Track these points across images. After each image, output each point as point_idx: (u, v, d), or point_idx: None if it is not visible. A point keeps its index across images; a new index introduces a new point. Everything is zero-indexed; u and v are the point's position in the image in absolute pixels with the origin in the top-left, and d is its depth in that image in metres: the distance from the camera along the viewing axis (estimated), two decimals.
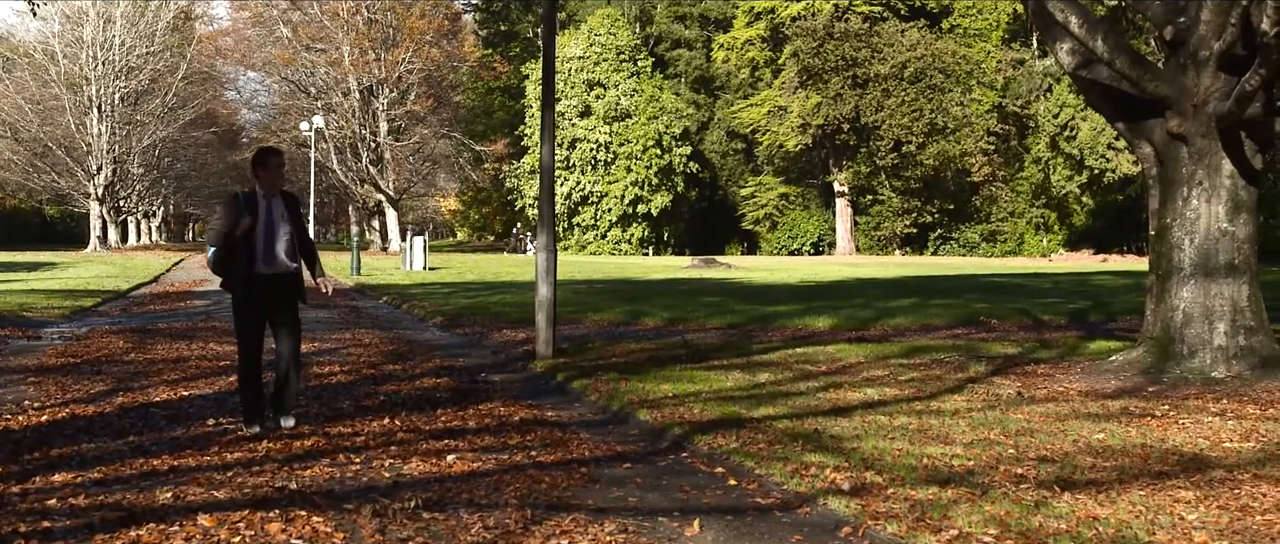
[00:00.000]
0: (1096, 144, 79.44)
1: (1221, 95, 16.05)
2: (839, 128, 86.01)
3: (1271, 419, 13.22)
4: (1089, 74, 17.75)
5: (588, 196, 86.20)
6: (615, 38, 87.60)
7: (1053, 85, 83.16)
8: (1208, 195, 16.41)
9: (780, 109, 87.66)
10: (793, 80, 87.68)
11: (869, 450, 11.16)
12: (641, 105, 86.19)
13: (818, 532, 8.47)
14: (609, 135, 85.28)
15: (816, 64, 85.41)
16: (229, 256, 12.15)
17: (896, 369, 17.67)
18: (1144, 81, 16.52)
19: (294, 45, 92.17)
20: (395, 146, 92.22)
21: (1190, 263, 16.49)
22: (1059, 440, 11.85)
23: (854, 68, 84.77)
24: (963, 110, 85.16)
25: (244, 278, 12.16)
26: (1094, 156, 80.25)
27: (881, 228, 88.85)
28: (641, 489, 9.86)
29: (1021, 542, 8.02)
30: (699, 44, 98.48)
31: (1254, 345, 16.31)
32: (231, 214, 12.12)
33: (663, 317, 26.80)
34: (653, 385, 15.55)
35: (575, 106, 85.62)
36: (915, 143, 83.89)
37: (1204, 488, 9.72)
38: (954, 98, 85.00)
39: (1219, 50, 16.18)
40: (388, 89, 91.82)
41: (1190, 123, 16.36)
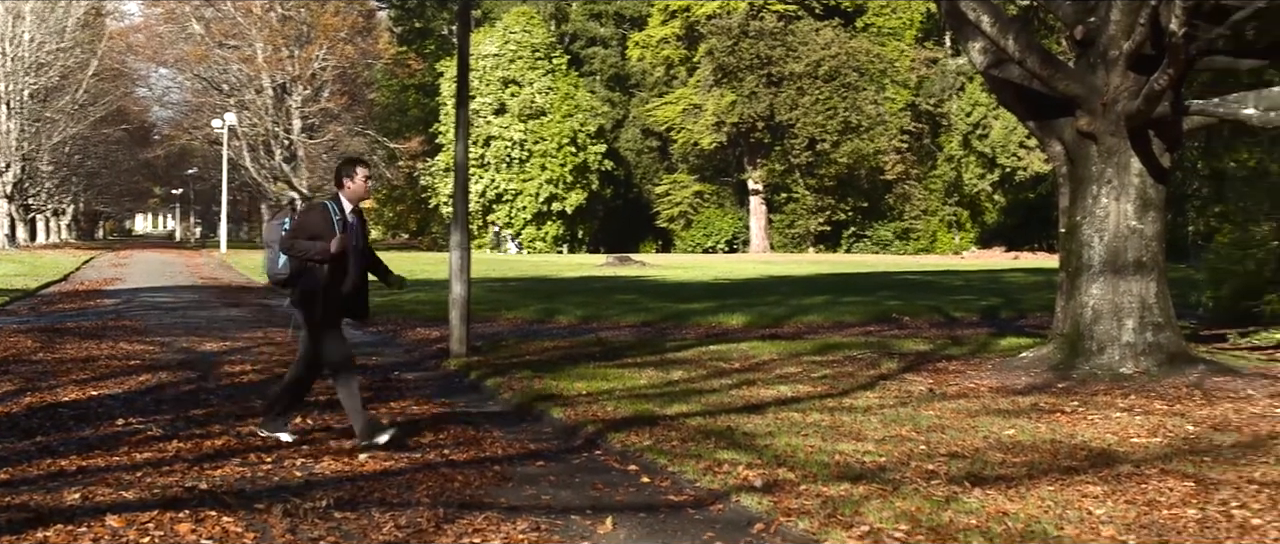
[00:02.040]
0: (1008, 142, 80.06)
1: (1131, 94, 16.21)
2: (753, 126, 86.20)
3: (1178, 415, 13.36)
4: (1001, 73, 17.89)
5: (502, 194, 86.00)
6: (530, 35, 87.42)
7: (965, 84, 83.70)
8: (1117, 193, 16.57)
9: (695, 107, 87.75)
10: (708, 78, 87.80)
11: (782, 447, 11.19)
12: (557, 103, 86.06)
13: (730, 529, 8.48)
14: (524, 133, 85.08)
15: (731, 62, 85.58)
16: (306, 272, 11.18)
17: (809, 366, 17.73)
18: (1055, 80, 16.66)
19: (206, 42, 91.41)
20: (309, 144, 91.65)
21: (1100, 260, 16.64)
22: (970, 436, 11.94)
23: (769, 66, 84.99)
24: (876, 109, 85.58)
25: (325, 300, 11.18)
26: (1006, 155, 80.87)
27: (795, 225, 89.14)
28: (555, 487, 9.84)
29: (932, 538, 8.06)
30: (614, 42, 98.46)
31: (1161, 342, 16.49)
32: (322, 226, 11.11)
33: (577, 314, 26.79)
34: (566, 383, 15.53)
35: (490, 104, 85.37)
36: (829, 141, 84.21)
37: (1112, 483, 9.81)
38: (868, 96, 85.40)
39: (1128, 50, 16.34)
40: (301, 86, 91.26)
41: (1100, 121, 16.51)
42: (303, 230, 11.11)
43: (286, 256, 11.23)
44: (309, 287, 11.17)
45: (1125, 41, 16.38)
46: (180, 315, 27.29)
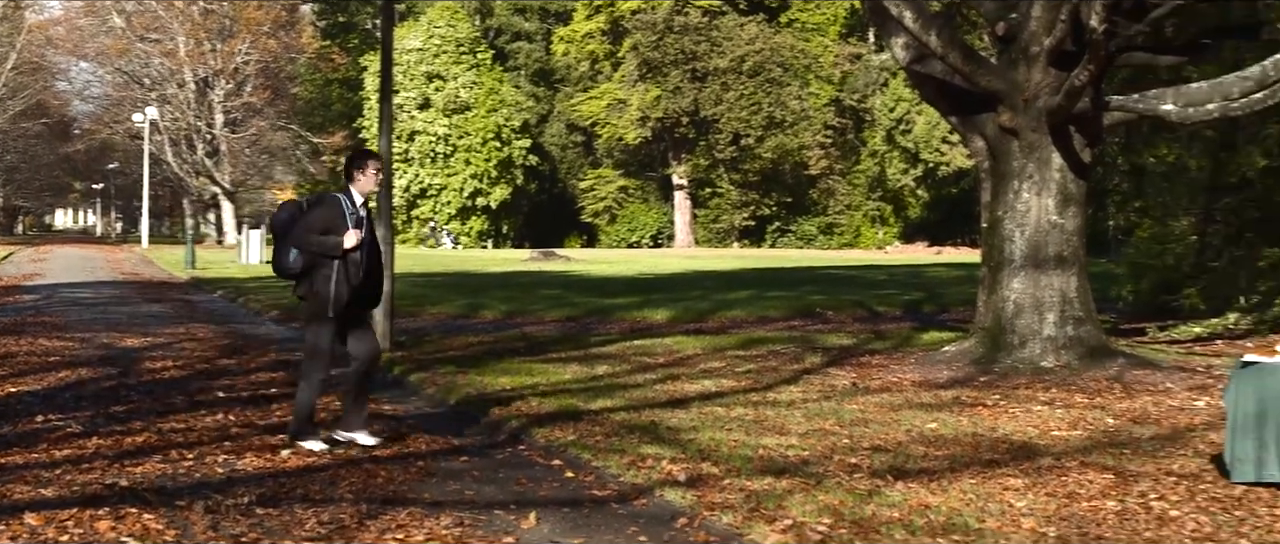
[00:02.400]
0: (931, 138, 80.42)
1: (1052, 90, 16.33)
2: (678, 121, 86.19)
3: (1098, 408, 13.49)
4: (923, 69, 17.98)
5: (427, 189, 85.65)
6: (455, 30, 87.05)
7: (889, 80, 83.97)
8: (1038, 188, 16.69)
9: (620, 102, 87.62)
10: (632, 73, 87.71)
11: (705, 442, 11.21)
12: (481, 98, 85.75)
13: (654, 523, 8.49)
14: (448, 128, 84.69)
15: (656, 57, 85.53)
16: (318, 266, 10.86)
17: (733, 361, 17.77)
18: (976, 76, 16.76)
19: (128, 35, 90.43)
20: (231, 138, 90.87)
21: (1021, 255, 16.76)
22: (892, 430, 12.00)
23: (693, 61, 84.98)
24: (801, 104, 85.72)
25: (335, 296, 10.86)
26: (929, 150, 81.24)
27: (720, 220, 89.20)
28: (478, 482, 9.82)
29: (854, 531, 8.10)
30: (539, 36, 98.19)
31: (1082, 335, 16.62)
32: (335, 220, 10.80)
33: (501, 309, 26.73)
34: (491, 378, 15.51)
35: (414, 99, 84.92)
36: (754, 136, 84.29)
37: (1033, 476, 9.89)
38: (792, 92, 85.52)
39: (1049, 46, 16.46)
40: (224, 80, 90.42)
41: (1021, 117, 16.63)
42: (315, 224, 10.81)
43: (298, 251, 10.88)
44: (321, 282, 10.88)
45: (1046, 38, 16.50)
46: (101, 311, 27.05)
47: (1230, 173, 23.83)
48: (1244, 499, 9.15)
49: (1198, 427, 12.35)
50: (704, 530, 8.26)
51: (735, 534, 8.10)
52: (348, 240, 10.73)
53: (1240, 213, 24.47)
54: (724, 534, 8.13)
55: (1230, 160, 23.72)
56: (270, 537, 7.98)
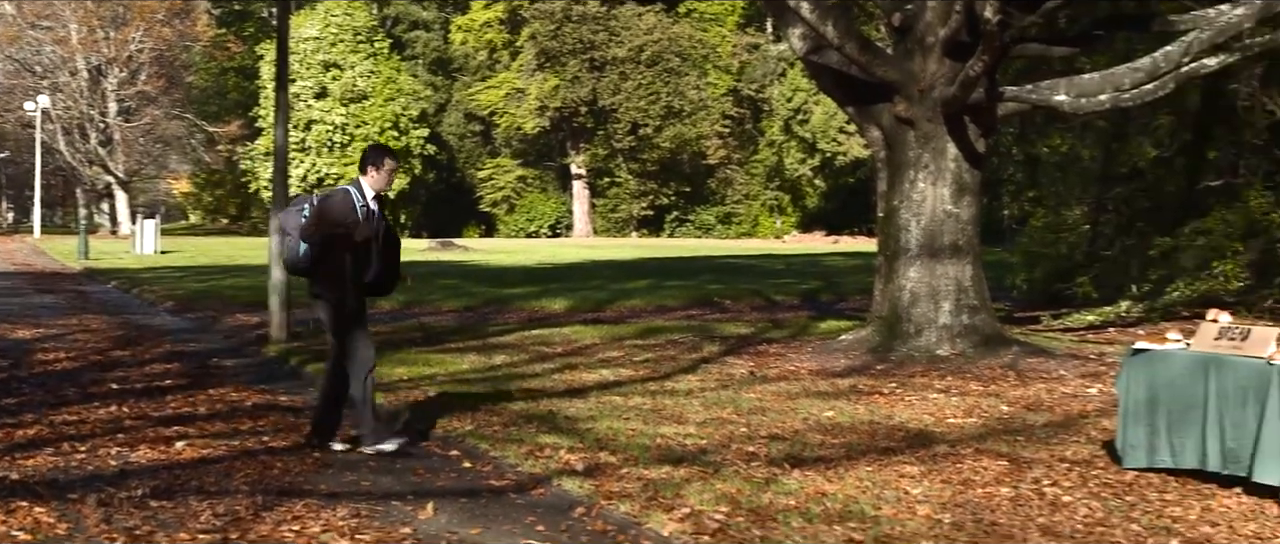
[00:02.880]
0: (829, 128, 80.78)
1: (947, 81, 16.46)
2: (577, 110, 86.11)
3: (993, 395, 13.62)
4: (820, 59, 18.06)
5: (324, 179, 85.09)
6: (352, 18, 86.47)
7: (787, 70, 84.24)
8: (934, 178, 16.81)
9: (518, 91, 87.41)
10: (531, 63, 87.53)
11: (604, 431, 11.22)
12: (379, 87, 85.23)
13: (552, 513, 8.49)
14: (345, 117, 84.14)
15: (554, 47, 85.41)
16: (328, 261, 10.54)
17: (631, 350, 17.79)
18: (873, 67, 16.86)
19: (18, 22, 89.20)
20: (125, 127, 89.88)
21: (917, 244, 16.88)
22: (790, 418, 12.06)
23: (592, 51, 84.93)
24: (699, 94, 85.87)
25: (345, 291, 10.61)
26: (826, 140, 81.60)
27: (619, 210, 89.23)
28: (375, 473, 9.77)
29: (752, 519, 8.13)
30: (437, 25, 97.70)
31: (977, 324, 16.78)
32: (345, 214, 10.49)
33: (398, 299, 26.53)
34: (388, 368, 15.41)
35: (311, 88, 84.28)
36: (652, 126, 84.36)
37: (928, 463, 9.98)
38: (690, 81, 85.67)
39: (944, 37, 16.60)
40: (117, 68, 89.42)
41: (917, 107, 16.74)
42: (325, 218, 10.47)
43: (307, 245, 10.51)
44: (333, 274, 10.57)
45: (941, 29, 16.64)
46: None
47: (1122, 163, 24.15)
48: (1135, 485, 9.27)
49: (1090, 414, 12.50)
50: (602, 520, 8.26)
51: (633, 523, 8.11)
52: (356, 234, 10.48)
53: (1131, 202, 24.81)
54: (622, 523, 8.13)
55: (1122, 150, 24.04)
56: (164, 529, 7.89)
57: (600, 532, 8.02)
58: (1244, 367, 8.94)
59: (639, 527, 8.02)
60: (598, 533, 8.00)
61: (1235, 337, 9.29)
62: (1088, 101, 16.55)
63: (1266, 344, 9.03)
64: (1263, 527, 8.14)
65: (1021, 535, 7.87)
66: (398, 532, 7.95)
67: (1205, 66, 16.42)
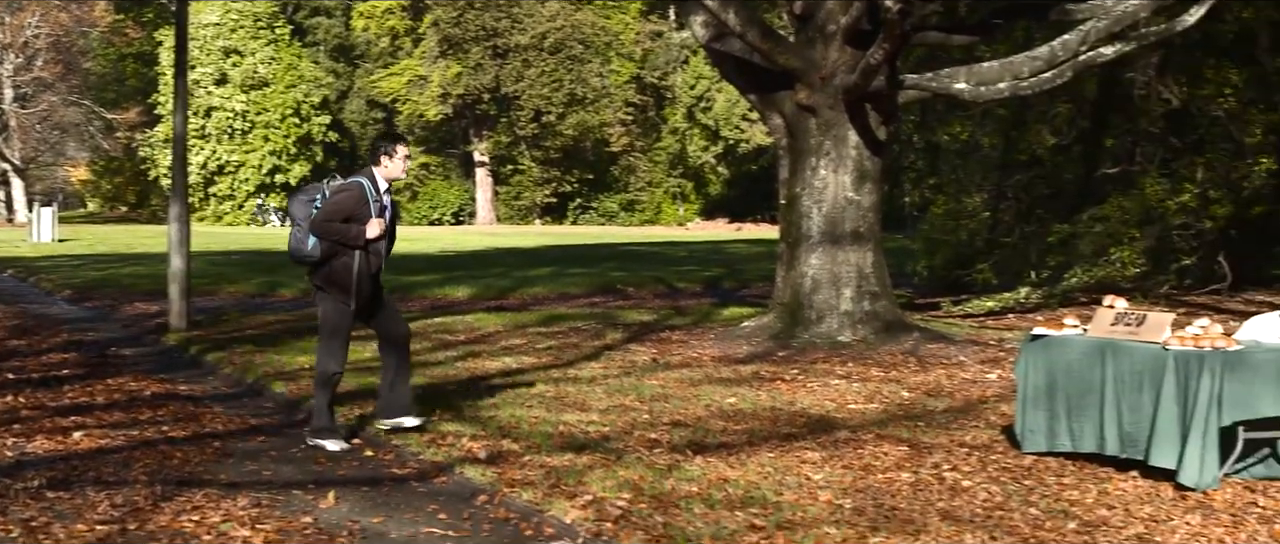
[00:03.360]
0: (731, 115, 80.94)
1: (848, 68, 16.54)
2: (479, 98, 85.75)
3: (893, 381, 13.71)
4: (722, 46, 18.09)
5: (224, 166, 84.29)
6: (252, 4, 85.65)
7: (689, 57, 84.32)
8: (835, 165, 16.89)
9: (420, 78, 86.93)
10: (433, 50, 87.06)
11: (506, 419, 11.21)
12: (279, 74, 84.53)
13: (454, 500, 8.47)
14: (246, 104, 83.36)
15: (457, 33, 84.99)
16: (338, 255, 10.20)
17: (534, 338, 17.76)
18: (774, 54, 16.91)
19: None
20: (21, 114, 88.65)
21: (818, 231, 16.95)
22: (692, 405, 12.08)
23: (494, 38, 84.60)
24: (602, 81, 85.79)
25: (356, 287, 10.28)
26: (729, 127, 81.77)
27: (522, 198, 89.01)
28: (276, 462, 9.71)
29: (654, 506, 8.14)
30: (338, 12, 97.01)
31: (878, 310, 16.88)
32: (358, 208, 10.18)
33: (300, 288, 26.33)
34: (289, 357, 15.33)
35: (211, 74, 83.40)
36: (555, 113, 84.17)
37: (830, 449, 10.03)
38: (593, 69, 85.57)
39: (845, 25, 16.68)
40: (13, 54, 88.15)
41: (818, 95, 16.81)
42: (337, 211, 10.11)
43: (316, 238, 10.16)
44: (341, 272, 10.22)
45: (843, 17, 16.72)
46: None
47: (1021, 150, 24.37)
48: (1034, 469, 9.36)
49: (990, 399, 12.61)
50: (504, 507, 8.25)
51: (535, 510, 8.10)
52: (371, 230, 10.18)
53: (1030, 189, 25.04)
54: (524, 511, 8.12)
55: (1021, 138, 24.26)
56: (61, 521, 7.80)
57: (503, 519, 8.01)
58: (1140, 352, 9.05)
59: (541, 514, 8.01)
60: (500, 520, 7.99)
61: (1131, 322, 9.40)
62: (987, 89, 16.68)
63: (1161, 329, 9.14)
64: (1158, 509, 8.24)
65: (922, 520, 7.93)
66: (299, 521, 7.90)
67: (1102, 55, 16.58)
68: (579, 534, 7.54)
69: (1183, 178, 22.78)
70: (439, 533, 7.71)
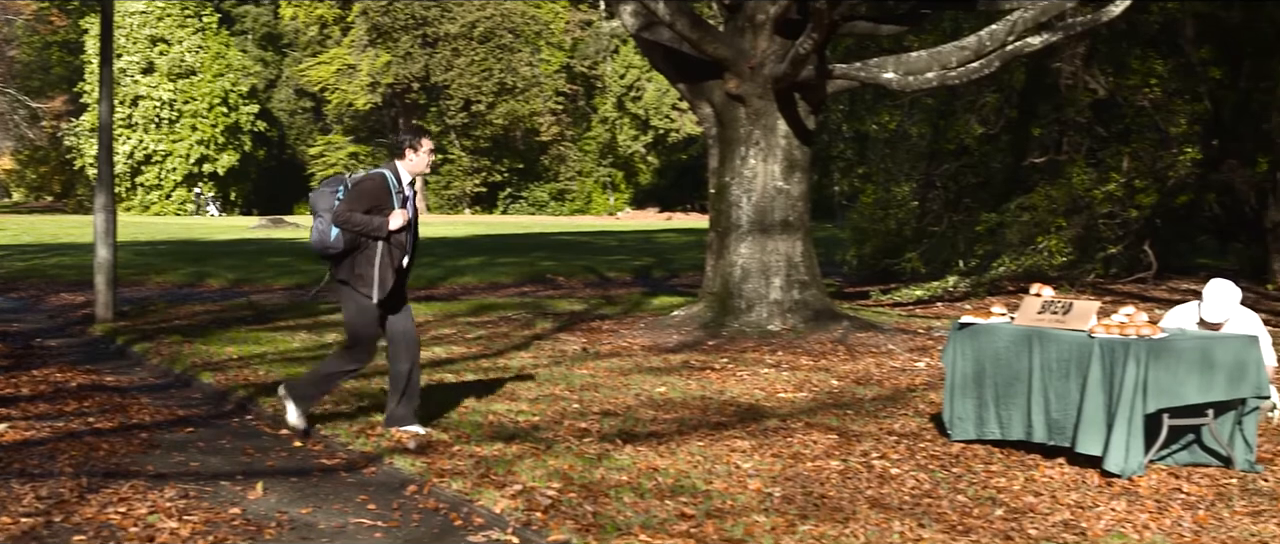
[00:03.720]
0: (661, 104, 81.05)
1: (777, 58, 16.57)
2: (409, 87, 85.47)
3: (823, 370, 13.77)
4: (652, 36, 18.08)
5: (151, 156, 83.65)
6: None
7: (619, 47, 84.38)
8: (764, 154, 16.93)
9: (350, 67, 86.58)
10: (362, 38, 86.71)
11: (436, 408, 11.17)
12: (207, 62, 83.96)
13: (383, 491, 8.44)
14: (173, 93, 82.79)
15: (386, 22, 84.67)
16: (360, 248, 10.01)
17: (464, 327, 17.73)
18: (704, 44, 16.91)
19: None
20: None
21: (748, 220, 16.99)
22: (622, 394, 12.10)
23: (424, 26, 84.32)
24: (532, 70, 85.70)
25: (380, 280, 10.06)
26: (659, 117, 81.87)
27: (451, 187, 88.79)
28: (204, 453, 9.64)
29: (584, 495, 8.14)
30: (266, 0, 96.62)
31: (807, 299, 16.94)
32: (382, 198, 10.01)
33: (228, 278, 26.26)
34: (217, 347, 15.24)
35: (138, 63, 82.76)
36: (485, 102, 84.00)
37: (759, 437, 10.06)
38: (523, 58, 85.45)
39: (775, 14, 16.71)
40: None
41: (748, 84, 16.84)
42: (360, 201, 9.93)
43: (339, 229, 9.97)
44: (363, 264, 10.04)
45: (772, 6, 16.75)
46: None
47: (949, 140, 24.50)
48: (962, 456, 9.43)
49: (918, 387, 12.68)
50: (434, 497, 8.23)
51: (465, 500, 8.08)
52: (394, 221, 9.96)
53: (959, 178, 25.19)
54: (454, 501, 8.10)
55: (949, 128, 24.39)
56: None
57: (432, 509, 7.99)
58: (1066, 339, 9.12)
59: (471, 504, 8.00)
60: (429, 511, 7.97)
61: (1058, 310, 9.47)
62: (915, 79, 16.75)
63: (1087, 317, 9.22)
64: (1085, 495, 8.30)
65: (850, 508, 7.96)
66: (227, 512, 7.85)
67: (1029, 45, 16.68)
68: (509, 524, 7.53)
69: (1109, 167, 22.98)
70: (368, 523, 7.68)
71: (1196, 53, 23.18)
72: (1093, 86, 23.84)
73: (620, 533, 7.29)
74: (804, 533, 7.37)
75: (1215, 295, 10.23)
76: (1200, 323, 10.28)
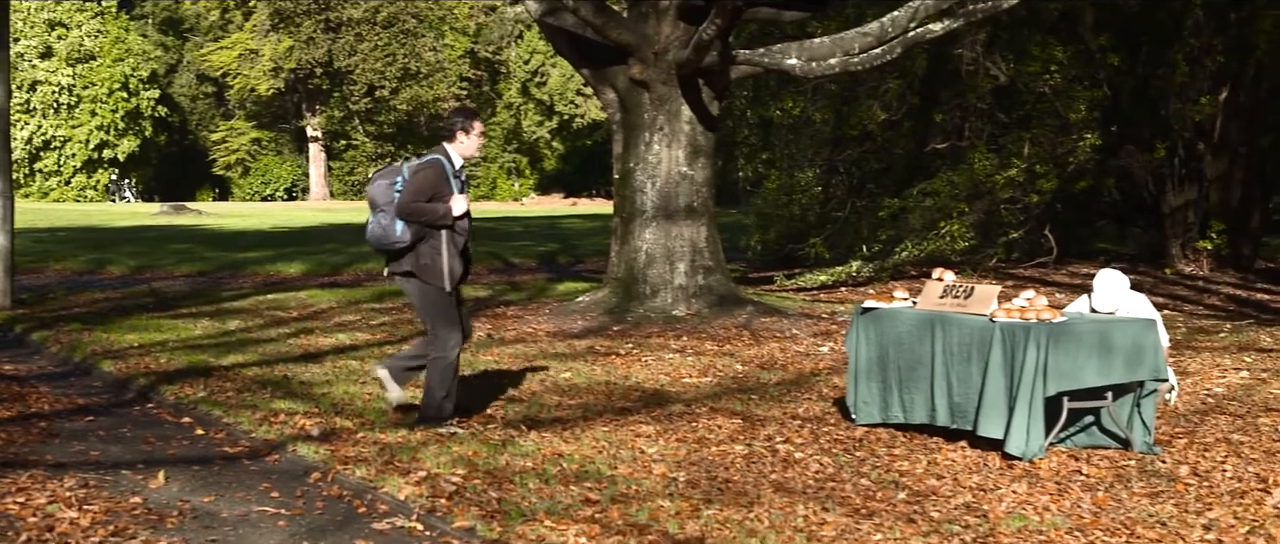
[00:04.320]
0: (566, 90, 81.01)
1: (681, 44, 16.60)
2: (312, 72, 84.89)
3: (728, 355, 13.82)
4: (556, 21, 18.06)
5: (50, 141, 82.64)
6: None
7: (524, 32, 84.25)
8: (668, 140, 16.96)
9: (252, 52, 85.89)
10: (264, 23, 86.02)
11: (339, 396, 11.13)
12: (107, 47, 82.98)
13: (287, 479, 8.40)
14: (72, 78, 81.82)
15: (288, 7, 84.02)
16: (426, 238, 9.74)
17: (368, 314, 17.66)
18: (607, 29, 16.91)
19: None
20: None
21: (652, 206, 17.02)
22: (527, 380, 12.09)
23: (326, 11, 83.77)
24: (435, 56, 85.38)
25: (449, 269, 9.79)
26: (564, 102, 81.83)
27: (355, 173, 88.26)
28: (104, 442, 9.55)
29: (488, 481, 8.13)
30: None
31: (712, 284, 16.99)
32: (440, 186, 9.76)
33: (129, 265, 25.99)
34: (118, 335, 15.09)
35: (35, 47, 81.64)
36: (388, 88, 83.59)
37: (664, 422, 10.09)
38: (427, 43, 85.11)
39: (678, 0, 16.72)
40: None
41: (652, 70, 16.85)
42: (422, 190, 9.66)
43: (403, 221, 9.71)
44: (431, 255, 9.78)
45: None
46: None
47: (852, 126, 24.61)
48: (865, 440, 9.49)
49: (822, 371, 12.76)
50: (337, 485, 8.20)
51: (369, 487, 8.05)
52: (457, 207, 9.73)
53: (862, 164, 25.32)
54: (357, 488, 8.07)
55: (852, 114, 24.50)
56: None
57: (336, 497, 7.96)
58: (968, 324, 9.20)
59: (375, 491, 7.97)
60: (333, 498, 7.94)
61: (959, 294, 9.55)
62: (818, 65, 16.81)
63: (988, 302, 9.30)
64: (986, 478, 8.39)
65: (755, 492, 8.00)
66: (128, 501, 7.78)
67: (931, 31, 16.78)
68: (413, 511, 7.51)
69: (1010, 153, 23.18)
70: (271, 511, 7.64)
71: (1096, 40, 23.43)
72: (994, 73, 24.04)
73: (525, 519, 7.29)
74: (708, 517, 7.40)
75: (1104, 285, 10.36)
76: (1091, 312, 10.42)
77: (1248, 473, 8.51)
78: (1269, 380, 12.25)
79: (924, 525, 7.33)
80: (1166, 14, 23.06)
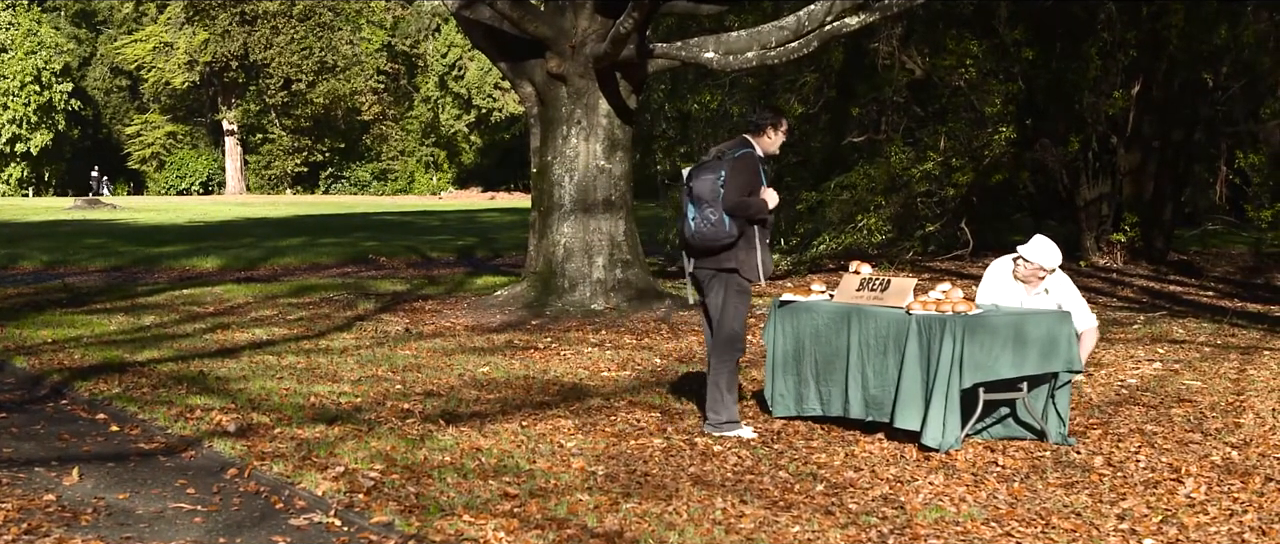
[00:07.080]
0: (484, 84, 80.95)
1: (598, 37, 16.61)
2: (227, 65, 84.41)
3: (646, 348, 13.84)
4: (473, 14, 18.02)
5: None
6: None
7: (441, 25, 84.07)
8: (586, 134, 16.97)
9: (166, 45, 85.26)
10: (179, 16, 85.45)
11: (256, 391, 11.07)
12: (18, 39, 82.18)
13: (203, 474, 8.34)
14: None
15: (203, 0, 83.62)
16: (744, 234, 9.49)
17: (285, 308, 17.57)
18: (524, 23, 16.90)
19: None
20: None
21: (570, 199, 17.03)
22: (445, 375, 12.07)
23: (242, 4, 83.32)
24: (352, 49, 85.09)
25: (764, 263, 9.62)
26: (482, 96, 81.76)
27: (272, 167, 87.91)
28: (16, 439, 9.44)
29: (406, 476, 8.11)
30: None
31: (630, 278, 17.02)
32: (755, 179, 9.55)
33: (42, 260, 25.73)
34: (30, 331, 14.94)
35: None
36: (305, 81, 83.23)
37: (583, 416, 10.09)
38: (344, 36, 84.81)
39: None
40: None
41: (569, 63, 16.86)
42: (747, 184, 9.45)
43: (731, 216, 9.41)
44: (748, 249, 9.54)
45: None
46: None
47: None
48: (783, 433, 9.53)
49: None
50: (254, 480, 8.15)
51: (286, 483, 8.01)
52: (771, 199, 9.59)
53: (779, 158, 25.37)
54: (274, 483, 8.03)
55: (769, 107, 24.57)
56: None
57: (253, 493, 7.91)
58: (884, 316, 9.25)
59: (292, 487, 7.93)
60: (250, 494, 7.89)
61: (876, 287, 9.60)
62: (735, 59, 16.86)
63: (905, 295, 9.36)
64: (903, 470, 8.44)
65: (673, 485, 8.01)
66: (41, 499, 7.70)
67: (847, 25, 16.85)
68: (331, 506, 7.48)
69: (926, 146, 23.35)
70: (187, 508, 7.58)
71: (1010, 34, 23.59)
72: (909, 67, 24.20)
73: (443, 513, 7.28)
74: (627, 511, 7.41)
75: (1042, 243, 10.50)
76: (1017, 261, 10.51)
77: (1161, 463, 8.60)
78: (1181, 372, 12.41)
79: (842, 517, 7.37)
80: (1080, 8, 23.25)
